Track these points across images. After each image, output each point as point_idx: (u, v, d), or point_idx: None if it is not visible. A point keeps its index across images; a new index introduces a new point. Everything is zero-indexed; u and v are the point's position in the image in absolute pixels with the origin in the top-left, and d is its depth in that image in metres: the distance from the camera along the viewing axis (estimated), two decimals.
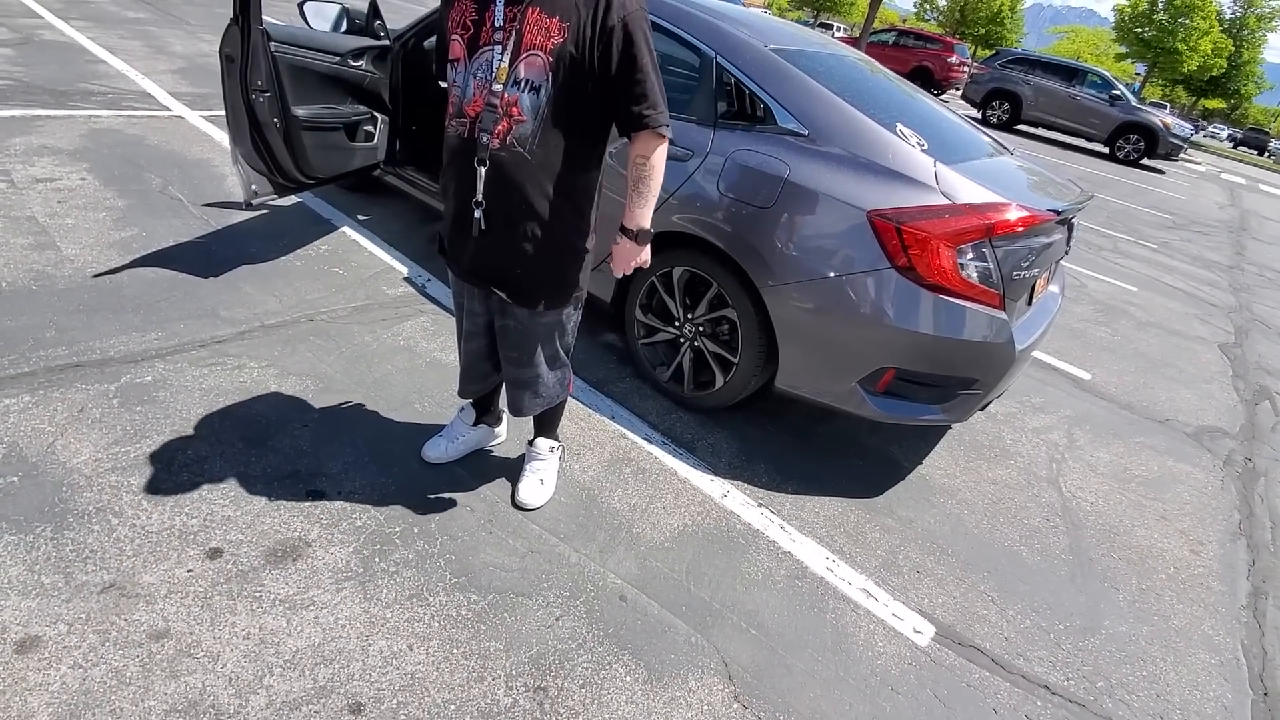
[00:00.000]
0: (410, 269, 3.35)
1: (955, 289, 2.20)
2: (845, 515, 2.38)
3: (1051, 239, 2.49)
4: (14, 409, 2.01)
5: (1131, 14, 40.15)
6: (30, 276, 2.61)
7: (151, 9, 7.62)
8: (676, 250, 2.63)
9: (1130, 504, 2.83)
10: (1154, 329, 5.04)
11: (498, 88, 1.51)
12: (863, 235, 2.24)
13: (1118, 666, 2.03)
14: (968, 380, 2.36)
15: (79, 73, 5.00)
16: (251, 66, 2.58)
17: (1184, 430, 3.57)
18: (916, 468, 2.74)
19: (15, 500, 1.75)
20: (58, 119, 4.11)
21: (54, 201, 3.18)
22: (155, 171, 3.72)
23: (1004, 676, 1.90)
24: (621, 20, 1.48)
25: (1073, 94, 15.30)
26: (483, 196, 1.58)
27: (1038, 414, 3.38)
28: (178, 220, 3.28)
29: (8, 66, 4.77)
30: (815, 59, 2.79)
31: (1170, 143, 14.81)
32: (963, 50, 19.57)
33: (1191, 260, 7.65)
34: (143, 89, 5.00)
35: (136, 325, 2.49)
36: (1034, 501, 2.70)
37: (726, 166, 2.47)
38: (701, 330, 2.64)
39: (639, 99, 1.53)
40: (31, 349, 2.26)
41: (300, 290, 2.96)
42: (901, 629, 1.97)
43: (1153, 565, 2.50)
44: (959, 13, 46.72)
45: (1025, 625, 2.09)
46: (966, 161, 2.50)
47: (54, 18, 6.29)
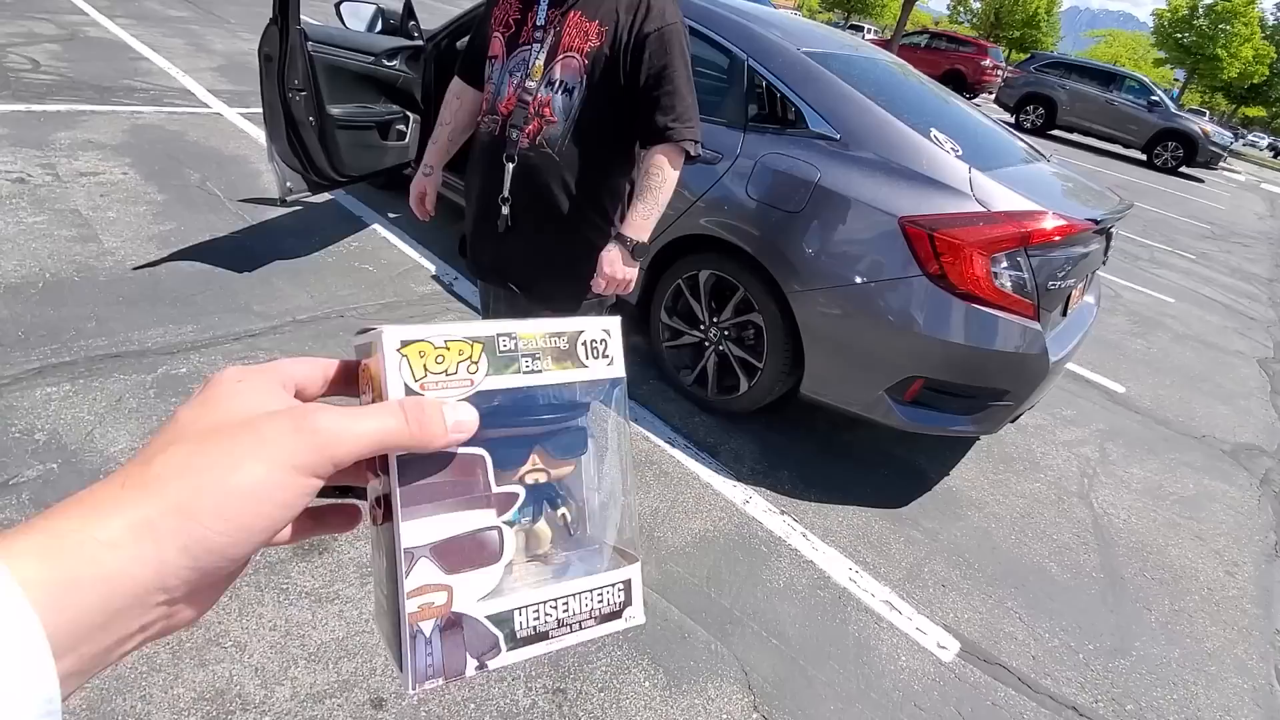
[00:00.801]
0: (438, 267, 3.38)
1: (988, 298, 2.16)
2: (869, 525, 2.35)
3: (1089, 249, 2.43)
4: (55, 397, 2.07)
5: (1171, 19, 39.24)
6: (73, 268, 2.68)
7: (194, 8, 7.79)
8: (703, 253, 2.62)
9: (1164, 522, 2.76)
10: (1191, 342, 4.91)
11: (531, 85, 1.51)
12: (894, 242, 2.21)
13: (1148, 689, 1.98)
14: (999, 391, 2.31)
15: (123, 69, 5.13)
16: (289, 66, 2.62)
17: (1220, 447, 3.47)
18: (943, 479, 2.70)
19: (55, 487, 1.79)
20: (102, 114, 4.22)
21: (96, 195, 3.26)
22: (194, 167, 3.80)
23: (1030, 696, 1.86)
24: (658, 29, 1.47)
25: (1110, 99, 14.98)
26: (509, 193, 1.58)
27: (1069, 427, 3.31)
28: (214, 215, 3.35)
29: (54, 62, 4.91)
30: (847, 62, 2.77)
31: (1209, 151, 14.44)
32: (996, 54, 19.27)
33: (1230, 272, 7.44)
34: (183, 86, 5.11)
35: (173, 318, 2.54)
36: (1064, 517, 2.64)
37: (756, 170, 2.45)
38: (727, 334, 2.62)
39: (666, 110, 1.49)
40: (73, 339, 2.32)
41: (331, 286, 3.00)
42: (925, 644, 1.94)
43: (1186, 586, 2.43)
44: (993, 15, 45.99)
45: (1053, 644, 2.05)
46: (1002, 168, 2.46)
47: (99, 15, 6.45)
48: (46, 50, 5.13)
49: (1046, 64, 16.39)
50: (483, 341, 0.33)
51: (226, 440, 0.27)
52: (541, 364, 0.35)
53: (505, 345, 0.34)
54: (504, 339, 0.34)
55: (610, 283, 1.57)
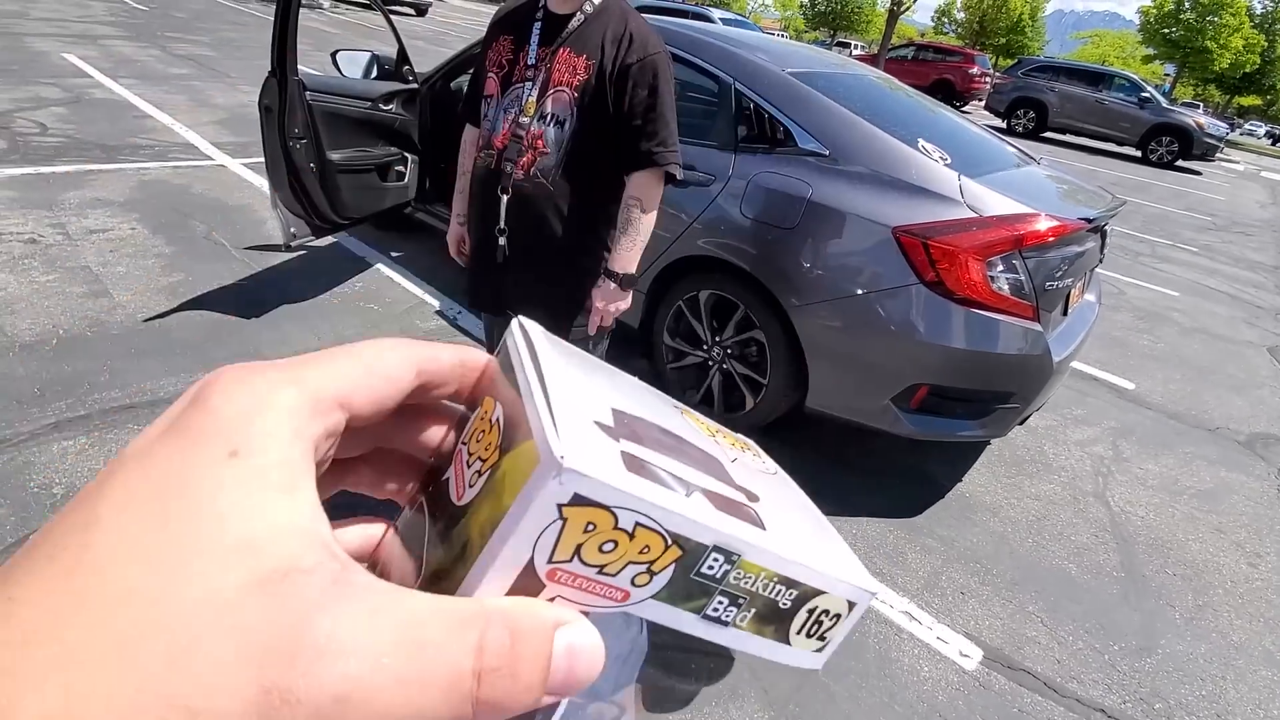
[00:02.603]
0: (442, 302, 3.42)
1: (986, 302, 2.18)
2: (884, 536, 2.34)
3: (1084, 247, 2.45)
4: (71, 450, 2.11)
5: (1157, 15, 39.60)
6: (86, 323, 2.74)
7: (194, 64, 8.00)
8: (702, 274, 2.65)
9: (1182, 517, 2.74)
10: (1199, 334, 4.89)
11: (525, 120, 1.56)
12: (889, 252, 2.23)
13: (1176, 687, 1.95)
14: (1004, 394, 2.32)
15: (128, 128, 5.26)
16: (289, 115, 2.70)
17: (1235, 438, 3.44)
18: (956, 485, 2.69)
19: None
20: (109, 172, 4.33)
21: (106, 251, 3.34)
22: (200, 219, 3.88)
23: (1057, 700, 1.84)
24: (640, 60, 1.53)
25: (1100, 98, 15.08)
26: (506, 224, 1.63)
27: (1080, 426, 3.29)
28: (221, 264, 3.41)
29: (61, 125, 5.05)
30: (833, 80, 2.82)
31: (1205, 143, 14.48)
32: (983, 61, 19.48)
33: (1234, 262, 7.42)
34: (187, 140, 5.24)
35: (184, 366, 2.59)
36: (1081, 517, 2.62)
37: (749, 190, 2.49)
38: (730, 353, 2.64)
39: (649, 136, 1.55)
40: (87, 393, 2.36)
41: (338, 327, 3.04)
42: (947, 653, 1.93)
43: (1209, 580, 2.40)
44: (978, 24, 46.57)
45: (1077, 646, 2.03)
46: (992, 173, 2.49)
47: (103, 76, 6.64)
48: (53, 113, 5.28)
49: (1034, 68, 16.54)
50: (689, 550, 0.20)
51: (177, 565, 0.15)
52: (737, 614, 0.22)
53: (712, 567, 0.21)
54: (716, 558, 0.21)
55: (604, 316, 1.69)
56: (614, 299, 1.67)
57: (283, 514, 0.17)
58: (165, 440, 0.18)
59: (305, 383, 0.20)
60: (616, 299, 1.68)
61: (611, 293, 1.66)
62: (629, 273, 1.66)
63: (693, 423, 0.25)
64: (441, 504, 0.23)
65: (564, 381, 0.21)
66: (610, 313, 1.70)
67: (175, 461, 0.17)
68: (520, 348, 0.23)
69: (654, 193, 1.61)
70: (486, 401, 0.23)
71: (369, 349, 0.22)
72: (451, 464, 0.23)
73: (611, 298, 1.67)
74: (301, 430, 0.19)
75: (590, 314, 1.71)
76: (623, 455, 0.20)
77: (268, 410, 0.18)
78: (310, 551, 0.17)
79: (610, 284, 1.66)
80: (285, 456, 0.18)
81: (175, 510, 0.16)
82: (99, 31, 9.08)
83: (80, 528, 0.16)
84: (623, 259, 1.64)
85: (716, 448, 0.25)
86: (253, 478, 0.17)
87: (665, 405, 0.26)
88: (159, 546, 0.15)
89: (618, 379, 0.26)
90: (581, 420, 0.20)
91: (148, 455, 0.17)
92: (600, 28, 1.55)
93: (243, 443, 0.17)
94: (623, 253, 1.64)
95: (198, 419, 0.18)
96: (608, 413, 0.22)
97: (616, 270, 1.65)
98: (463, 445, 0.23)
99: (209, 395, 0.18)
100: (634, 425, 0.22)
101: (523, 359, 0.23)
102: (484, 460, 0.21)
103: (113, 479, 0.17)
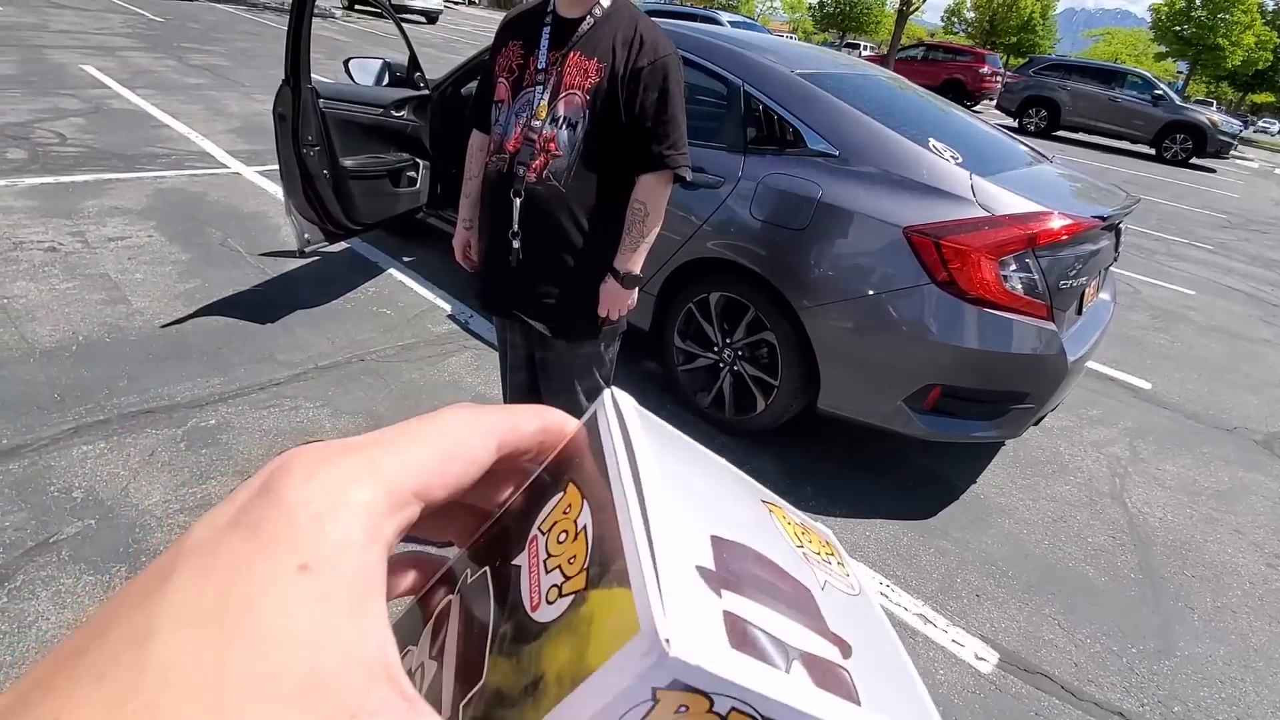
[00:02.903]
0: (454, 306, 3.44)
1: (999, 301, 2.16)
2: (898, 538, 2.33)
3: (1098, 246, 2.43)
4: (91, 455, 2.13)
5: (1169, 12, 39.23)
6: (104, 330, 2.78)
7: (210, 74, 8.11)
8: (712, 276, 2.65)
9: (1201, 518, 2.70)
10: (1215, 333, 4.83)
11: (536, 124, 1.57)
12: (900, 252, 2.23)
13: (1195, 690, 1.92)
14: (1018, 394, 2.30)
15: (145, 137, 5.34)
16: (302, 123, 2.73)
17: (1253, 438, 3.40)
18: (970, 487, 2.67)
19: (93, 542, 1.84)
20: (126, 181, 4.39)
21: (124, 258, 3.39)
22: (215, 226, 3.93)
23: (1075, 704, 1.82)
24: (652, 63, 1.54)
25: (1113, 96, 14.95)
26: (519, 227, 1.64)
27: (1096, 427, 3.26)
28: (237, 270, 3.45)
29: (80, 135, 5.13)
30: (843, 80, 2.82)
31: (1219, 140, 14.32)
32: (994, 60, 19.36)
33: (1251, 260, 7.33)
34: (203, 149, 5.31)
35: (200, 371, 2.62)
36: (1098, 519, 2.60)
37: (759, 191, 2.49)
38: (740, 354, 2.64)
39: (661, 138, 1.57)
40: (106, 398, 2.40)
41: (351, 332, 3.07)
42: (963, 656, 1.91)
43: (1228, 582, 2.37)
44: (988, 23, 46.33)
45: (1095, 649, 2.00)
46: (1003, 172, 2.48)
47: (121, 87, 6.74)
48: (72, 124, 5.37)
49: (1046, 66, 16.42)
50: None
51: (235, 709, 0.14)
52: None
53: None
54: None
55: (610, 314, 1.74)
56: (619, 298, 1.71)
57: (350, 643, 0.16)
58: (232, 537, 0.17)
59: (381, 474, 0.19)
60: (621, 298, 1.71)
61: (616, 292, 1.70)
62: (632, 272, 1.68)
63: (780, 524, 0.24)
64: (508, 590, 0.22)
65: (664, 504, 0.20)
66: (615, 311, 1.73)
67: (241, 569, 0.16)
68: (612, 430, 0.22)
69: (662, 194, 1.64)
70: (571, 491, 0.22)
71: (449, 428, 0.21)
72: (525, 550, 0.22)
73: (616, 297, 1.70)
74: (376, 533, 0.18)
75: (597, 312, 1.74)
76: (725, 617, 0.18)
77: (342, 511, 0.17)
78: (375, 689, 0.16)
79: (614, 283, 1.69)
80: (357, 569, 0.17)
81: (237, 633, 0.15)
82: (117, 43, 9.22)
83: (135, 641, 0.15)
84: (627, 258, 1.67)
85: (806, 567, 0.24)
86: (321, 598, 0.16)
87: (755, 504, 0.25)
88: (217, 681, 0.14)
89: (708, 470, 0.24)
90: (685, 574, 0.18)
91: (213, 554, 0.16)
92: (610, 31, 1.56)
93: (314, 554, 0.16)
94: (628, 252, 1.66)
95: (269, 516, 0.17)
96: (707, 547, 0.20)
97: (620, 269, 1.68)
98: (540, 535, 0.22)
99: (281, 487, 0.17)
100: (733, 560, 0.21)
101: (616, 451, 0.21)
102: (566, 577, 0.20)
103: (175, 577, 0.16)
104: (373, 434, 0.20)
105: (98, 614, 0.16)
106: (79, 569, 1.77)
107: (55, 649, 0.15)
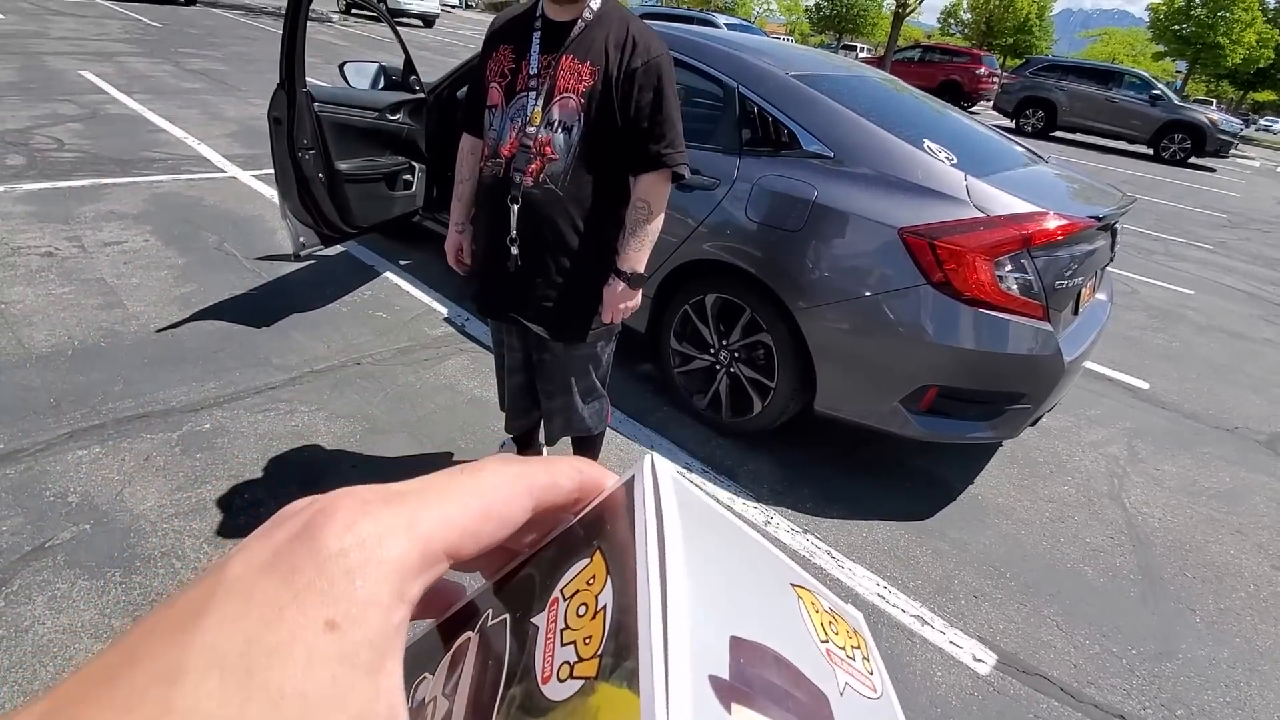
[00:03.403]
0: (450, 309, 3.44)
1: (995, 302, 2.16)
2: (895, 539, 2.32)
3: (1094, 246, 2.42)
4: (86, 460, 2.13)
5: (1168, 11, 39.20)
6: (100, 334, 2.78)
7: (206, 79, 8.12)
8: (708, 278, 2.65)
9: (1201, 518, 2.69)
10: (1215, 333, 4.82)
11: (531, 129, 1.57)
12: (895, 253, 2.22)
13: (1198, 693, 1.91)
14: (1015, 395, 2.29)
15: (142, 142, 5.34)
16: (298, 127, 2.73)
17: (1255, 438, 3.39)
18: (968, 487, 2.66)
19: (88, 547, 1.84)
20: (123, 186, 4.39)
21: (120, 263, 3.38)
22: (211, 230, 3.93)
23: (1074, 706, 1.81)
24: (645, 64, 1.54)
25: (1110, 97, 14.95)
26: (516, 233, 1.64)
27: (1095, 427, 3.25)
28: (232, 274, 3.45)
29: (77, 140, 5.14)
30: (838, 82, 2.81)
31: (1218, 139, 14.31)
32: (991, 61, 19.36)
33: (1251, 259, 7.32)
34: (199, 153, 5.31)
35: (196, 376, 2.61)
36: (1096, 519, 2.59)
37: (754, 193, 2.49)
38: (737, 356, 2.63)
39: (657, 138, 1.58)
40: (101, 402, 2.39)
41: (347, 335, 3.06)
42: (961, 657, 1.90)
43: (1230, 583, 2.36)
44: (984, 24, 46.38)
45: (1094, 651, 1.99)
46: (999, 173, 2.47)
47: (118, 92, 6.75)
48: (69, 129, 5.37)
49: (1042, 67, 16.43)
50: None
51: None
52: None
53: None
54: None
55: (615, 313, 1.73)
56: (623, 298, 1.71)
57: (364, 703, 0.17)
58: (268, 581, 0.17)
59: (417, 531, 0.19)
60: (626, 298, 1.71)
61: (621, 292, 1.70)
62: (638, 272, 1.69)
63: (808, 612, 0.24)
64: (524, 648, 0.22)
65: (685, 601, 0.19)
66: (620, 311, 1.73)
67: (272, 619, 0.17)
68: (647, 504, 0.22)
69: (662, 193, 1.64)
70: (597, 561, 0.22)
71: (489, 485, 0.22)
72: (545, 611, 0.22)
73: (621, 297, 1.71)
74: (404, 592, 0.19)
75: (600, 313, 1.75)
76: None
77: (374, 568, 0.18)
78: None
79: (620, 283, 1.69)
80: (381, 630, 0.18)
81: (260, 683, 0.16)
82: (115, 49, 9.24)
83: (164, 678, 0.15)
84: (631, 258, 1.67)
85: (828, 666, 0.23)
86: (343, 657, 0.17)
87: (784, 590, 0.25)
88: None
89: (739, 551, 0.24)
90: (696, 688, 0.18)
91: (248, 597, 0.17)
92: (602, 33, 1.56)
93: (343, 611, 0.17)
94: (631, 252, 1.67)
95: (304, 564, 0.18)
96: (724, 650, 0.20)
97: (625, 269, 1.68)
98: (561, 600, 0.22)
99: (321, 535, 0.18)
100: (750, 665, 0.20)
101: (647, 530, 0.21)
102: (580, 658, 0.19)
103: (209, 616, 0.17)
104: (415, 483, 0.21)
105: (130, 637, 0.17)
106: (74, 574, 1.76)
107: (84, 669, 0.16)
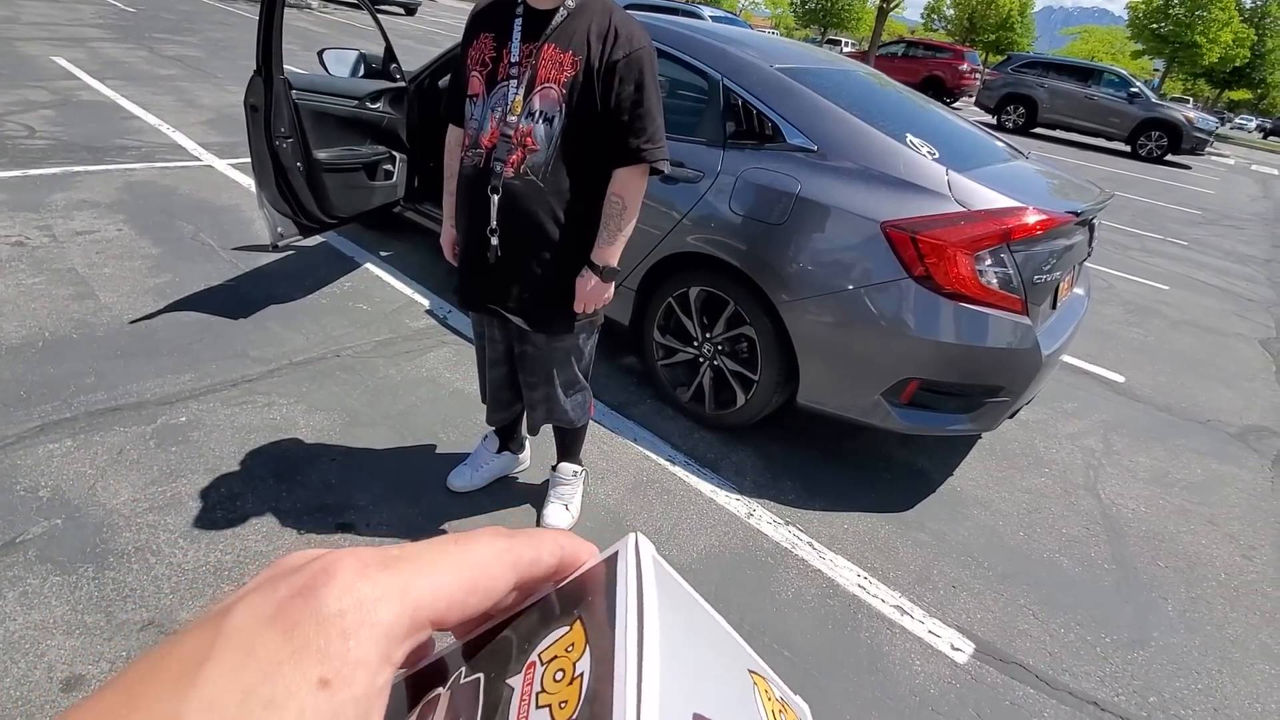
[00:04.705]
0: (432, 301, 3.41)
1: (975, 296, 2.18)
2: (875, 530, 2.34)
3: (1072, 241, 2.45)
4: (57, 454, 2.08)
5: (1146, 10, 39.68)
6: (71, 325, 2.71)
7: (181, 65, 7.95)
8: (692, 270, 2.64)
9: (1174, 509, 2.74)
10: (1189, 327, 4.90)
11: (512, 119, 1.55)
12: (878, 247, 2.23)
13: (1170, 680, 1.95)
14: (994, 388, 2.32)
15: (115, 129, 5.22)
16: (275, 114, 2.68)
17: (1227, 430, 3.45)
18: (947, 479, 2.69)
19: (59, 542, 1.80)
20: (95, 174, 4.29)
21: (93, 253, 3.31)
22: (187, 219, 3.85)
23: (1049, 694, 1.84)
24: (626, 56, 1.53)
25: (1089, 94, 15.12)
26: (497, 224, 1.62)
27: (1071, 420, 3.30)
28: (209, 265, 3.39)
29: (49, 127, 5.01)
30: (822, 75, 2.82)
31: (1194, 137, 14.52)
32: (973, 57, 19.49)
33: (1225, 255, 7.45)
34: (174, 141, 5.20)
35: (171, 368, 2.57)
36: (1072, 510, 2.63)
37: (738, 186, 2.49)
38: (720, 349, 2.63)
39: (638, 132, 1.56)
40: (73, 395, 2.34)
41: (326, 327, 3.02)
42: (939, 646, 1.92)
43: (1202, 573, 2.41)
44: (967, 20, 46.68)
45: (1069, 639, 2.03)
46: (980, 168, 2.49)
47: (90, 79, 6.59)
48: (41, 116, 5.24)
49: (1024, 64, 16.56)
50: None
51: None
52: None
53: None
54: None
55: (587, 305, 1.73)
56: (596, 292, 1.70)
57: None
58: (269, 635, 0.19)
59: (409, 599, 0.21)
60: (599, 291, 1.70)
61: (594, 286, 1.69)
62: (610, 265, 1.68)
63: (760, 699, 0.25)
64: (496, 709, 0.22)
65: (657, 679, 0.20)
66: (593, 303, 1.72)
67: (270, 673, 0.18)
68: (629, 583, 0.23)
69: (639, 187, 1.63)
70: (576, 630, 0.22)
71: (478, 560, 0.23)
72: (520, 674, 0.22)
73: (594, 290, 1.70)
74: (390, 655, 0.20)
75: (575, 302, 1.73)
76: None
77: (367, 631, 0.19)
78: None
79: (593, 277, 1.68)
80: (367, 690, 0.19)
81: None
82: (87, 34, 9.02)
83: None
84: (605, 252, 1.66)
85: None
86: (333, 714, 0.18)
87: (741, 674, 0.25)
88: None
89: (706, 634, 0.25)
90: None
91: (249, 650, 0.18)
92: (584, 23, 1.54)
93: (335, 670, 0.19)
94: (605, 245, 1.66)
95: (304, 622, 0.19)
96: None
97: (598, 263, 1.67)
98: (538, 664, 0.22)
99: (322, 594, 0.20)
100: None
101: (628, 609, 0.22)
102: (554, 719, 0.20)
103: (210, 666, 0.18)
104: (410, 548, 0.22)
105: (128, 678, 0.18)
106: (46, 569, 1.72)
107: (82, 708, 0.17)
